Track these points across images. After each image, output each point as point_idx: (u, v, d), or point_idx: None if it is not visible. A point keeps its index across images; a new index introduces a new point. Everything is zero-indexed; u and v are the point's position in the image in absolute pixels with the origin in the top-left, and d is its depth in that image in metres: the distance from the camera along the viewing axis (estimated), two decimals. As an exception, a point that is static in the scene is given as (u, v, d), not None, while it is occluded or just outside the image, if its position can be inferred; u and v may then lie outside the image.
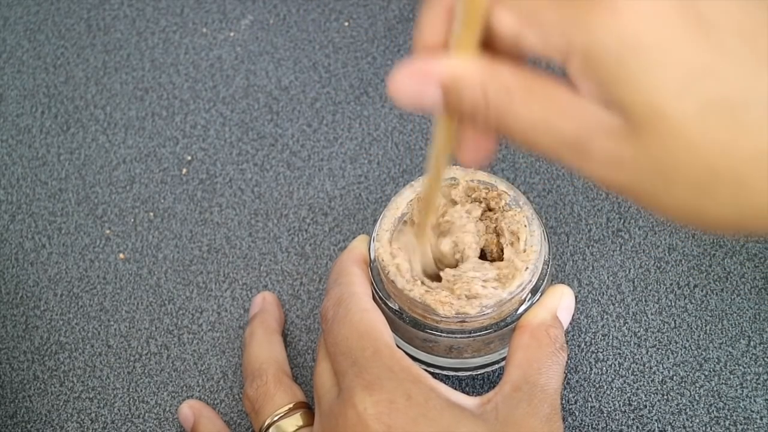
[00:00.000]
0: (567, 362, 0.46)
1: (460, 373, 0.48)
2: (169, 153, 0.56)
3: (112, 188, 0.55)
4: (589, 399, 0.49)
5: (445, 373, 0.47)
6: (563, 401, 0.49)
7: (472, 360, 0.46)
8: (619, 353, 0.50)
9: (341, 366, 0.41)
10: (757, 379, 0.49)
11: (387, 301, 0.43)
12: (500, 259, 0.44)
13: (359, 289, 0.43)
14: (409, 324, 0.43)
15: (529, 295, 0.43)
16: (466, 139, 0.33)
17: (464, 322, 0.42)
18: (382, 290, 0.44)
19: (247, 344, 0.49)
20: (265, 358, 0.48)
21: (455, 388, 0.41)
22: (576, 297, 0.51)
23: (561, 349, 0.42)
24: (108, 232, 0.54)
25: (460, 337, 0.43)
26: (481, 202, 0.45)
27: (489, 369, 0.48)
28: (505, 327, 0.43)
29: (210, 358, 0.51)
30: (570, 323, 0.50)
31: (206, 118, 0.57)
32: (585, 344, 0.50)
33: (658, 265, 0.51)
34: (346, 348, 0.41)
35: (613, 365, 0.49)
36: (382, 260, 0.43)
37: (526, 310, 0.43)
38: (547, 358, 0.41)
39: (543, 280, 0.44)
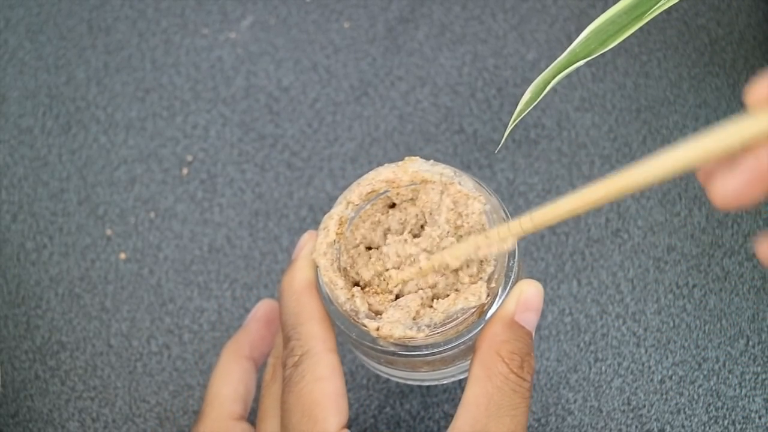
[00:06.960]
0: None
1: (441, 382, 0.45)
2: (170, 153, 0.56)
3: (113, 188, 0.56)
4: (588, 398, 0.49)
5: (419, 383, 0.45)
6: (562, 401, 0.49)
7: (446, 370, 0.42)
8: (618, 353, 0.50)
9: None
10: (755, 379, 0.49)
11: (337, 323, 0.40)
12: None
13: (319, 345, 0.38)
14: (361, 345, 0.40)
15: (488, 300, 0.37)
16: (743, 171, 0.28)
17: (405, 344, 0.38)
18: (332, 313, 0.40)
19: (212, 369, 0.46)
20: (214, 395, 0.44)
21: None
22: (575, 297, 0.51)
23: (519, 372, 0.36)
24: (109, 232, 0.55)
25: (408, 355, 0.39)
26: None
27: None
28: (454, 345, 0.38)
29: (211, 358, 0.51)
30: (569, 323, 0.50)
31: (207, 119, 0.57)
32: (584, 344, 0.50)
33: (657, 265, 0.51)
34: (289, 421, 0.38)
35: (612, 365, 0.49)
36: (330, 287, 0.39)
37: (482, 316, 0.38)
38: (499, 395, 0.36)
39: (503, 280, 0.37)
